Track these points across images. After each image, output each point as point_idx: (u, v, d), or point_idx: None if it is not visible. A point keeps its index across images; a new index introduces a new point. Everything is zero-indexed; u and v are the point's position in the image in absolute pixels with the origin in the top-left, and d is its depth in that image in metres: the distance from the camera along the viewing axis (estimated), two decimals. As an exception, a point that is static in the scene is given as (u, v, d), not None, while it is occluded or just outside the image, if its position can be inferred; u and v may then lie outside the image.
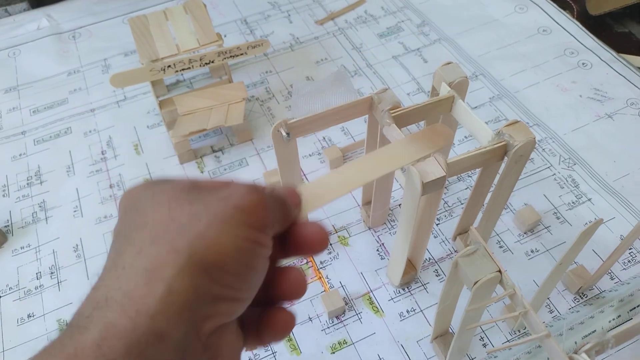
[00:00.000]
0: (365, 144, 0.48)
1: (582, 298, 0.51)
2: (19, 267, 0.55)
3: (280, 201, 0.26)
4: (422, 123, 0.57)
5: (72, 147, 0.66)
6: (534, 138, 0.39)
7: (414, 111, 0.42)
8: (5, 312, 0.52)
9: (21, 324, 0.51)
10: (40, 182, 0.63)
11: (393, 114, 0.41)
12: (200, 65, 0.60)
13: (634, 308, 0.49)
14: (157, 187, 0.24)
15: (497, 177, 0.45)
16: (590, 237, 0.37)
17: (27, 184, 0.63)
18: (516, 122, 0.40)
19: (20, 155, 0.66)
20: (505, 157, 0.41)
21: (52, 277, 0.55)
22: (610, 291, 0.51)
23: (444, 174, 0.37)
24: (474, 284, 0.33)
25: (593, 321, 0.48)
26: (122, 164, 0.64)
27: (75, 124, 0.68)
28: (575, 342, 0.46)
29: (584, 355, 0.29)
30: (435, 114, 0.44)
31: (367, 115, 0.45)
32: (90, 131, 0.68)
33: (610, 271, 0.52)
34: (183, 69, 0.59)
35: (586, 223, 0.56)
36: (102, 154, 0.65)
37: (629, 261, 0.53)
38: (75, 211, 0.60)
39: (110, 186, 0.62)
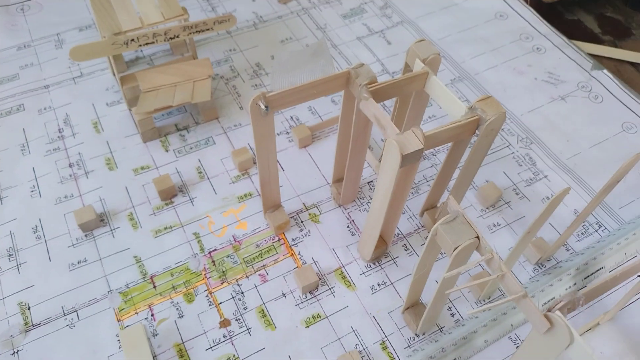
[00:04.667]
0: (340, 119, 0.48)
1: (541, 268, 0.54)
2: (-28, 250, 0.52)
3: None
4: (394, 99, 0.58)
5: (25, 124, 0.63)
6: (505, 112, 0.41)
7: (391, 86, 0.42)
8: (-40, 297, 0.50)
9: (-22, 308, 0.49)
10: (-8, 162, 0.59)
11: (370, 89, 0.41)
12: (164, 40, 0.58)
13: (588, 276, 0.53)
14: None
15: (467, 152, 0.46)
16: (558, 205, 0.39)
17: (-23, 163, 0.59)
18: (488, 97, 0.41)
19: (-32, 133, 0.62)
20: (477, 132, 0.42)
21: (11, 259, 0.52)
22: (567, 261, 0.54)
23: (422, 146, 0.38)
24: (454, 250, 0.34)
25: (552, 289, 0.51)
26: (81, 142, 0.61)
27: (28, 101, 0.65)
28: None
29: (558, 312, 0.31)
30: (409, 90, 0.45)
31: (334, 95, 0.45)
32: (45, 108, 0.64)
33: (566, 242, 0.56)
34: (147, 43, 0.57)
35: (543, 199, 0.59)
36: (60, 132, 0.62)
37: (582, 233, 0.56)
38: (32, 191, 0.57)
39: (70, 165, 0.59)
